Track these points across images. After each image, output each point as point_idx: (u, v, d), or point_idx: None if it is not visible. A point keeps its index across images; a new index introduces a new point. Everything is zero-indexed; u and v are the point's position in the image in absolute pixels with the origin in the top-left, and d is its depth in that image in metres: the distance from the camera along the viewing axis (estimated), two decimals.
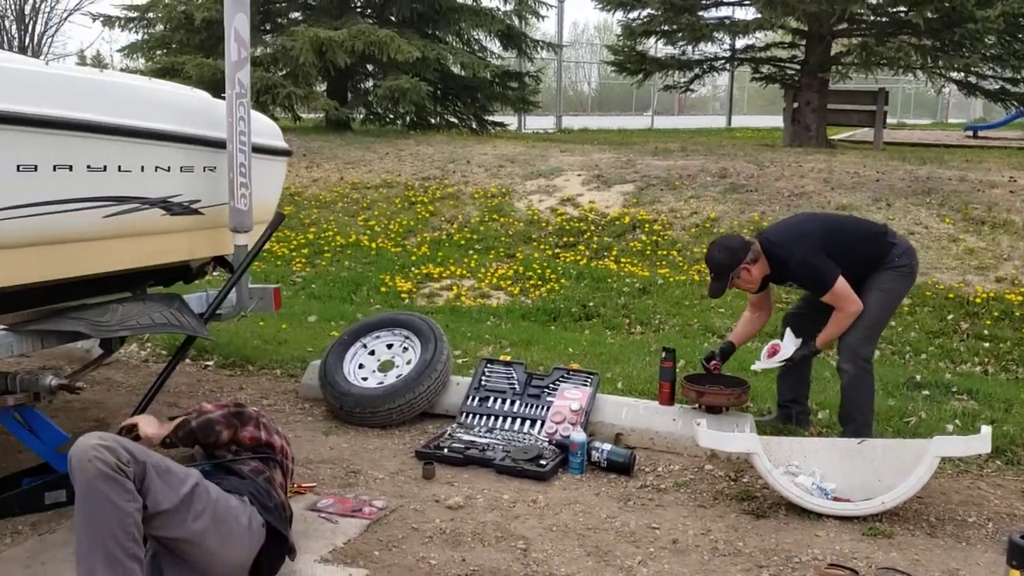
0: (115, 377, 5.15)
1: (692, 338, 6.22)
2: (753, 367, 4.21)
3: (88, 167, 3.25)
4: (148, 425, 2.99)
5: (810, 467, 3.69)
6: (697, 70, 14.90)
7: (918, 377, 5.28)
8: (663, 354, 4.27)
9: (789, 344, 4.09)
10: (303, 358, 5.43)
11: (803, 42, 13.68)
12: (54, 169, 3.13)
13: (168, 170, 3.60)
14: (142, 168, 3.48)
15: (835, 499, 3.55)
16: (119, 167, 3.37)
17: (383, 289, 7.63)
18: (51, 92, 3.13)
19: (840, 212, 8.09)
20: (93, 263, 3.48)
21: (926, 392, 5.02)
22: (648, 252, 8.12)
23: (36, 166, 3.06)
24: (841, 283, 3.90)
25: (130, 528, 2.42)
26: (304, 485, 3.63)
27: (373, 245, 8.92)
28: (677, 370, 4.32)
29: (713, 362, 4.23)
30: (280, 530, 2.84)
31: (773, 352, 4.13)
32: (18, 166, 3.01)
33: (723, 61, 15.25)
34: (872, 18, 13.20)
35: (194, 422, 2.94)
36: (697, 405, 4.17)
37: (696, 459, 4.04)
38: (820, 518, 3.48)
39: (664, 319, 6.68)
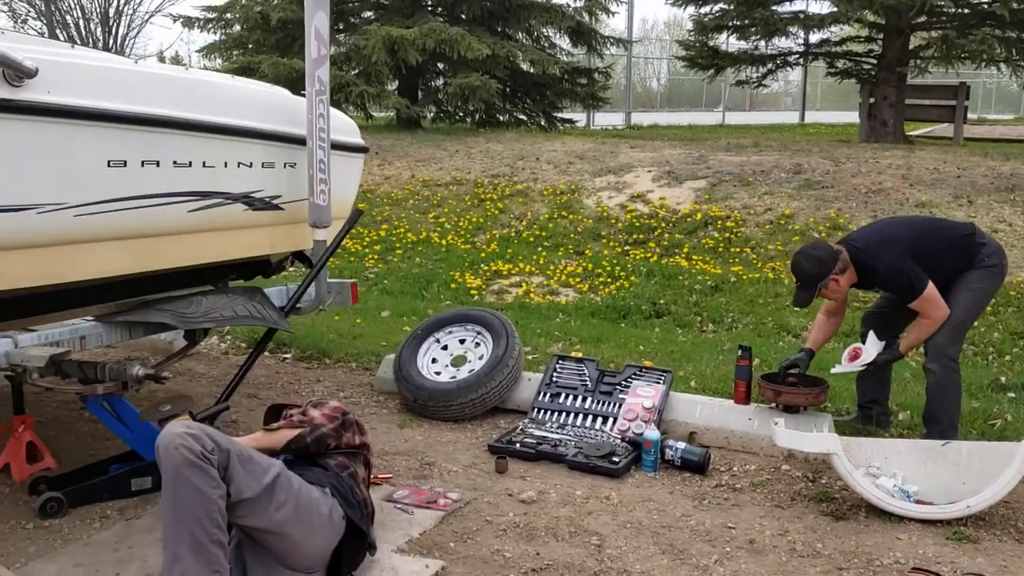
0: (197, 368, 5.29)
1: (766, 337, 6.13)
2: (833, 371, 4.11)
3: (174, 163, 3.34)
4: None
5: (891, 469, 3.60)
6: (770, 65, 14.66)
7: (1003, 379, 5.12)
8: (739, 352, 4.21)
9: (871, 348, 3.99)
10: (377, 352, 5.50)
11: (880, 36, 13.34)
12: (142, 164, 3.22)
13: (250, 166, 3.69)
14: (225, 164, 3.57)
15: (917, 502, 3.46)
16: (203, 163, 3.46)
17: (453, 285, 7.68)
18: (140, 90, 3.23)
19: (923, 213, 7.90)
20: (178, 256, 3.57)
21: (1012, 394, 4.86)
22: (720, 249, 8.02)
23: (125, 161, 3.16)
24: (930, 289, 3.79)
25: (214, 514, 2.47)
26: (380, 476, 3.67)
27: (443, 242, 8.98)
28: (753, 369, 4.26)
29: (791, 378, 4.12)
30: (360, 526, 2.88)
31: (854, 356, 4.04)
32: (108, 161, 3.11)
33: (797, 56, 14.95)
34: (953, 10, 12.81)
35: (308, 438, 2.96)
36: (774, 404, 4.11)
37: (772, 459, 3.98)
38: (902, 521, 3.40)
39: (737, 317, 6.59)
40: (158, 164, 3.27)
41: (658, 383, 4.30)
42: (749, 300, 6.92)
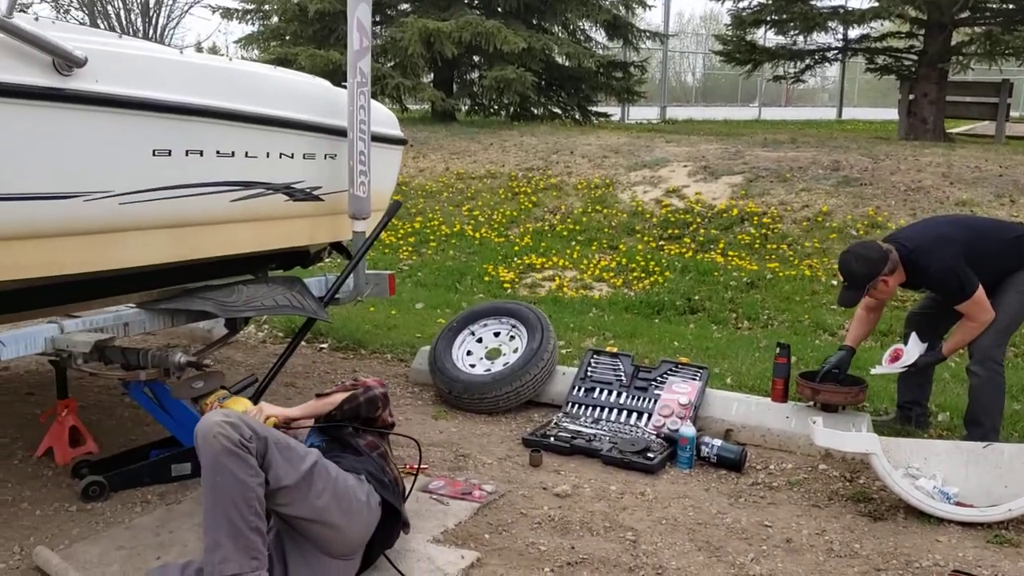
0: (235, 356, 5.34)
1: (803, 335, 6.07)
2: (872, 371, 4.07)
3: (217, 152, 3.37)
4: (272, 408, 3.06)
5: (931, 470, 3.57)
6: (808, 60, 14.50)
7: None
8: (777, 350, 4.18)
9: (913, 350, 3.93)
10: (412, 343, 5.52)
11: (921, 31, 13.14)
12: (186, 154, 3.26)
13: (292, 157, 3.71)
14: (267, 154, 3.60)
15: (957, 504, 3.42)
16: (246, 153, 3.49)
17: (486, 278, 7.69)
18: (185, 80, 3.26)
19: (964, 212, 7.78)
20: (220, 245, 3.61)
21: None
22: (757, 245, 7.96)
23: (170, 151, 3.20)
24: (979, 292, 3.72)
25: (252, 502, 2.49)
26: (414, 466, 3.68)
27: (477, 235, 9.00)
28: (791, 367, 4.22)
29: (829, 383, 4.06)
30: (395, 506, 2.90)
31: (895, 357, 3.99)
32: (153, 150, 3.15)
33: (835, 51, 14.77)
34: (998, 5, 12.59)
35: (362, 398, 3.02)
36: (812, 403, 4.08)
37: (809, 458, 3.95)
38: (941, 523, 3.36)
39: (773, 314, 6.54)
40: (202, 154, 3.30)
41: (694, 379, 4.28)
42: (785, 297, 6.86)
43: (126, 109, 3.00)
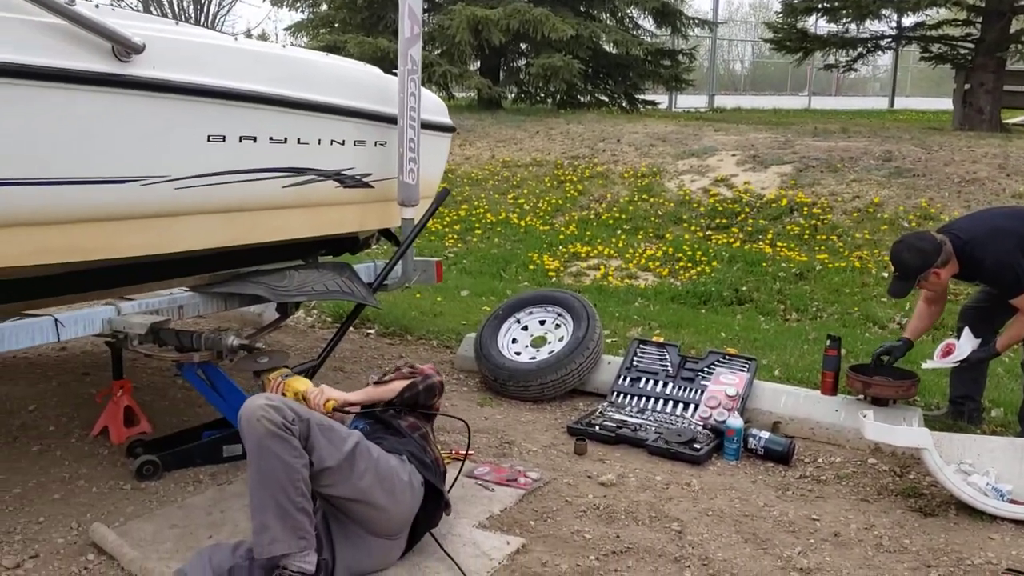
0: (285, 341, 5.41)
1: (852, 327, 5.99)
2: (924, 365, 3.99)
3: (271, 139, 3.41)
4: (332, 391, 3.10)
5: (984, 466, 3.50)
6: (861, 48, 14.23)
7: None
8: (827, 342, 4.13)
9: (966, 344, 3.86)
10: (457, 330, 5.55)
11: (979, 19, 12.83)
12: (240, 140, 3.30)
13: (343, 144, 3.74)
14: (319, 141, 3.63)
15: (1011, 501, 3.36)
16: (298, 140, 3.53)
17: (531, 267, 7.70)
18: (240, 66, 3.30)
19: (1021, 204, 7.60)
20: (271, 231, 3.66)
21: None
22: (806, 236, 7.86)
23: (224, 137, 3.24)
24: None
25: (298, 483, 2.53)
26: (460, 452, 3.71)
27: (522, 223, 9.00)
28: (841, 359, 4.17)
29: (880, 376, 4.00)
30: (437, 486, 2.93)
31: (947, 352, 3.91)
32: (208, 136, 3.19)
33: (889, 40, 14.48)
34: None
35: (421, 386, 3.05)
36: (862, 396, 4.02)
37: (859, 452, 3.90)
38: (993, 520, 3.30)
39: (822, 306, 6.46)
40: (255, 140, 3.34)
41: (742, 371, 4.25)
42: (835, 289, 6.77)
43: (182, 95, 3.04)
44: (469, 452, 3.70)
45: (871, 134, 10.71)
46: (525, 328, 4.92)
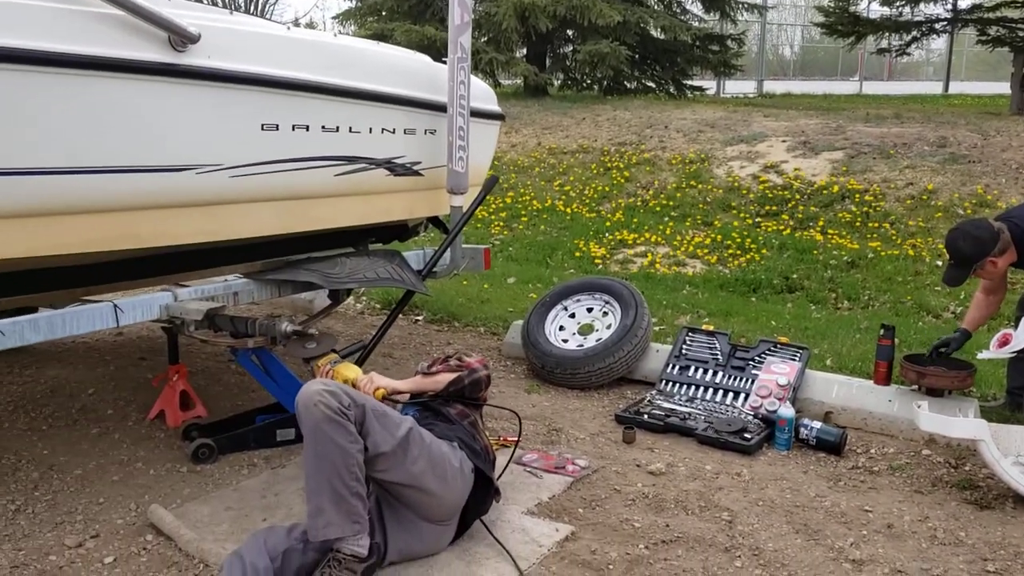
0: (335, 327, 5.47)
1: (905, 316, 5.89)
2: (980, 356, 3.91)
3: (323, 127, 3.44)
4: (380, 379, 3.13)
5: None
6: (915, 32, 13.93)
7: None
8: (881, 331, 4.06)
9: (1023, 335, 3.77)
10: (504, 317, 5.57)
11: None
12: (293, 129, 3.33)
13: (393, 132, 3.76)
14: (370, 130, 3.65)
15: None
16: (350, 128, 3.55)
17: (577, 254, 7.68)
18: (293, 55, 3.33)
19: None
20: (323, 219, 3.69)
21: None
22: (858, 224, 7.73)
23: (277, 125, 3.28)
24: None
25: (353, 468, 2.56)
26: (509, 439, 3.72)
27: (568, 210, 8.98)
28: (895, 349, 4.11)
29: (935, 366, 3.92)
30: (487, 473, 2.95)
31: (1004, 342, 3.82)
32: (262, 125, 3.23)
33: (944, 22, 14.16)
34: None
35: (467, 380, 3.06)
36: (916, 387, 3.96)
37: (912, 443, 3.84)
38: None
39: (874, 295, 6.36)
40: (307, 129, 3.37)
41: (793, 360, 4.20)
42: (887, 277, 6.66)
43: (237, 84, 3.08)
44: (515, 439, 3.72)
45: (925, 119, 10.49)
46: (572, 316, 4.92)
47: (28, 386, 4.34)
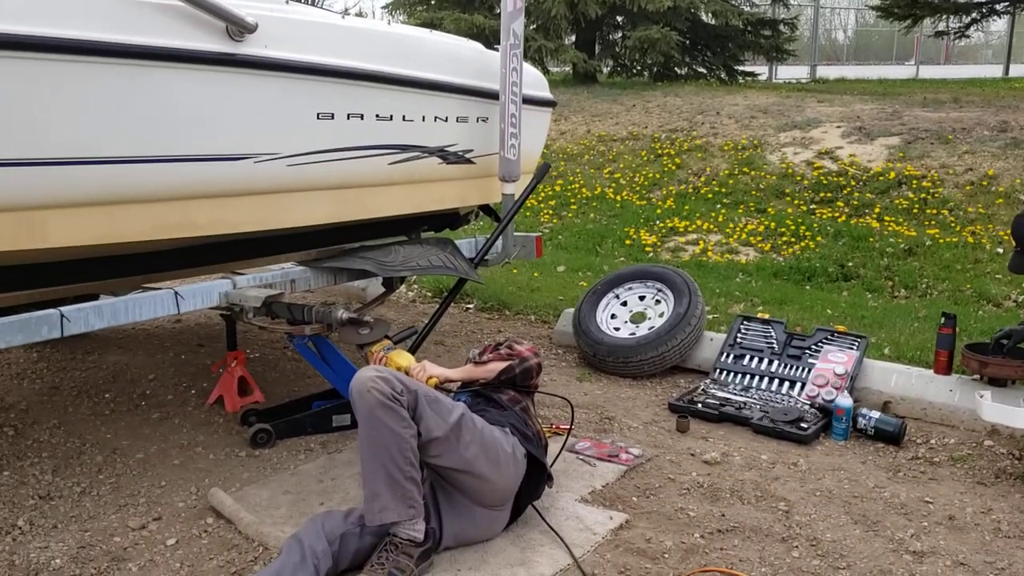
0: (387, 314, 5.49)
1: (964, 305, 5.76)
2: None
3: (377, 116, 3.46)
4: (433, 368, 3.15)
5: None
6: (975, 14, 13.60)
7: None
8: (942, 320, 3.98)
9: None
10: (555, 306, 5.56)
11: None
12: (347, 118, 3.36)
13: (446, 120, 3.77)
14: (423, 118, 3.67)
15: None
16: (403, 117, 3.57)
17: (627, 242, 7.64)
18: (347, 44, 3.35)
19: None
20: (377, 207, 3.72)
21: None
22: (915, 211, 7.57)
23: (333, 114, 3.30)
24: None
25: (407, 452, 2.59)
26: (561, 427, 3.72)
27: (618, 198, 8.92)
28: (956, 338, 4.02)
29: (998, 356, 3.82)
30: (539, 459, 2.95)
31: None
32: (318, 114, 3.26)
33: (1006, 3, 13.77)
34: None
35: (517, 369, 3.07)
36: (978, 376, 3.87)
37: (974, 433, 3.76)
38: None
39: (932, 283, 6.23)
40: (362, 117, 3.40)
41: (851, 349, 4.13)
42: (945, 265, 6.52)
43: (293, 74, 3.11)
44: (567, 427, 3.72)
45: (985, 103, 10.22)
46: (624, 304, 4.89)
47: (91, 372, 4.45)
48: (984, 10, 13.59)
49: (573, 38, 14.83)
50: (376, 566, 2.54)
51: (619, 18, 14.86)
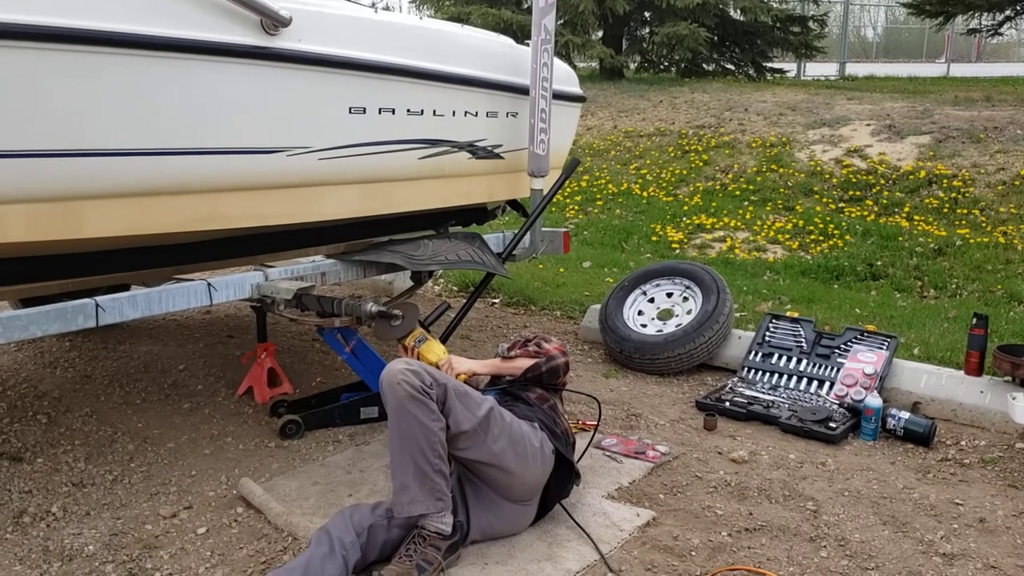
0: None
1: (995, 306, 5.70)
2: None
3: (408, 111, 3.47)
4: (461, 363, 3.17)
5: None
6: (1009, 11, 13.37)
7: None
8: (973, 320, 3.94)
9: None
10: (580, 301, 5.55)
11: None
12: (379, 112, 3.37)
13: (475, 115, 3.78)
14: (453, 113, 3.68)
15: None
16: (434, 111, 3.58)
17: (654, 238, 7.61)
18: (380, 39, 3.36)
19: None
20: (407, 201, 3.73)
21: None
22: (945, 210, 7.49)
23: (364, 109, 3.32)
24: None
25: (435, 445, 2.60)
26: (588, 423, 3.72)
27: (644, 194, 8.89)
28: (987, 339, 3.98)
29: None
30: (567, 456, 2.95)
31: None
32: (350, 108, 3.27)
33: None
34: None
35: (544, 367, 3.07)
36: (1010, 378, 3.83)
37: (1005, 435, 3.73)
38: None
39: (962, 283, 6.16)
40: (393, 112, 3.41)
41: (880, 349, 4.10)
42: (976, 266, 6.45)
43: (326, 68, 3.13)
44: (593, 423, 3.72)
45: (1018, 102, 10.09)
46: (651, 300, 4.88)
47: (122, 361, 4.49)
48: (1019, 7, 13.37)
49: (600, 34, 14.79)
50: (404, 558, 2.56)
51: (647, 14, 14.81)
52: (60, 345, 4.72)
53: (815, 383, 4.12)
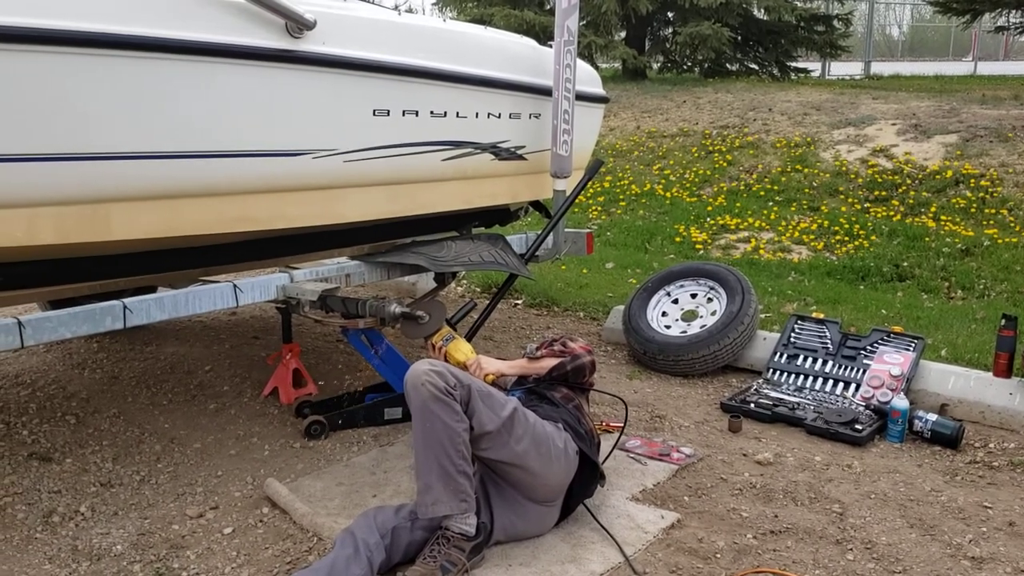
0: None
1: (1023, 307, 5.64)
2: None
3: (431, 113, 3.48)
4: (489, 364, 3.17)
5: None
6: None
7: None
8: (1002, 321, 3.90)
9: None
10: (604, 302, 5.55)
11: None
12: (403, 114, 3.39)
13: (499, 117, 3.78)
14: (476, 115, 3.68)
15: None
16: (457, 113, 3.59)
17: (677, 239, 7.58)
18: (404, 41, 3.38)
19: None
20: (430, 203, 3.74)
21: None
22: (973, 210, 7.41)
23: (388, 111, 3.33)
24: None
25: (459, 446, 2.60)
26: (612, 424, 3.72)
27: (668, 195, 8.86)
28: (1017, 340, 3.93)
29: None
30: (591, 457, 2.95)
31: None
32: (374, 111, 3.29)
33: None
34: None
35: (569, 366, 3.08)
36: None
37: None
38: None
39: (990, 284, 6.09)
40: (417, 114, 3.42)
41: (907, 350, 4.06)
42: (1004, 266, 6.37)
43: (350, 70, 3.15)
44: (619, 426, 3.71)
45: None
46: (675, 301, 4.86)
47: (149, 362, 4.54)
48: None
49: (623, 34, 14.76)
50: (428, 559, 2.56)
51: (670, 14, 14.76)
52: (88, 346, 4.77)
53: (841, 385, 4.09)
